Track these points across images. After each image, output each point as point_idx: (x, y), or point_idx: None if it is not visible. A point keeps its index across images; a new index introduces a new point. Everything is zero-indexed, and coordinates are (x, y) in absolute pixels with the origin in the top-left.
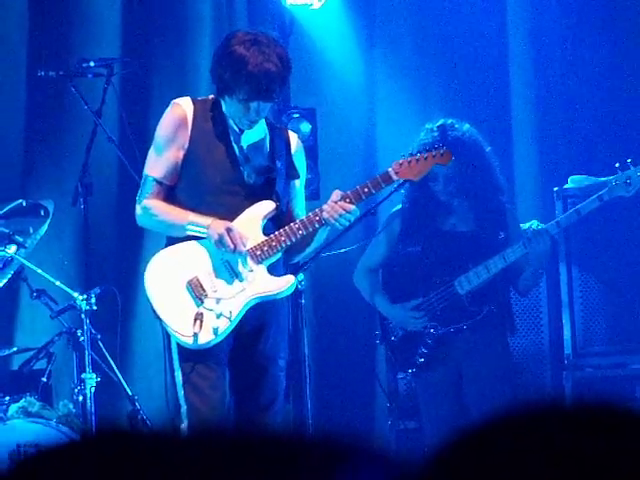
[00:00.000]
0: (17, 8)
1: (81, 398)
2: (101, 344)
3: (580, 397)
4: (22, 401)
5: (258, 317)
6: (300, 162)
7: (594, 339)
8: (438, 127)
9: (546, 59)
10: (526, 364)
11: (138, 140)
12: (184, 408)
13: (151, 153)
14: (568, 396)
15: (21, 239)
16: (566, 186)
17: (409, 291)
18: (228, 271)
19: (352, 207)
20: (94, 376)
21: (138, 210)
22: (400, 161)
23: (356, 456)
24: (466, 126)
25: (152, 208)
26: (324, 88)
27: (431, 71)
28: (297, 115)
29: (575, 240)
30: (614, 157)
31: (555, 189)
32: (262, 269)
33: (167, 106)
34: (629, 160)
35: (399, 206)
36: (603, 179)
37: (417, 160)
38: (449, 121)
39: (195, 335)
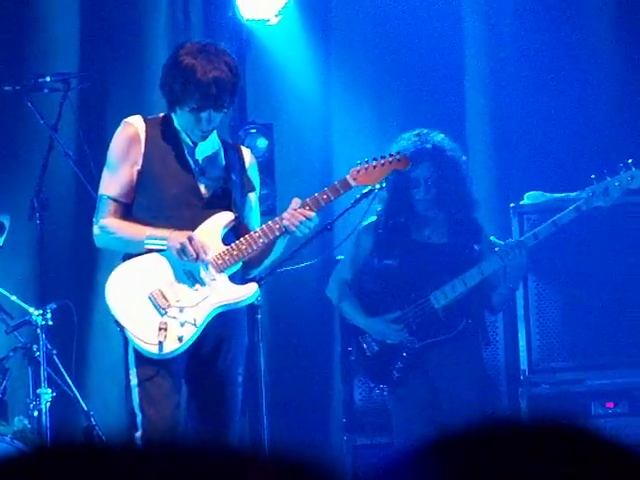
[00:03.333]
0: None
1: (36, 413)
2: (57, 359)
3: (536, 414)
4: None
5: (218, 333)
6: (254, 176)
7: (550, 355)
8: (417, 135)
9: (502, 74)
10: None
11: (95, 155)
12: (139, 417)
13: (105, 173)
14: (523, 412)
15: None
16: (522, 202)
17: (386, 305)
18: (190, 281)
19: (312, 214)
20: (49, 391)
21: (95, 230)
22: (357, 168)
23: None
24: (442, 135)
25: (108, 226)
26: (281, 103)
27: (387, 86)
28: (254, 130)
29: (531, 253)
30: (570, 173)
31: (511, 205)
32: (224, 277)
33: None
34: (605, 171)
35: (373, 218)
36: (559, 195)
37: (374, 166)
38: (425, 130)
39: (160, 344)
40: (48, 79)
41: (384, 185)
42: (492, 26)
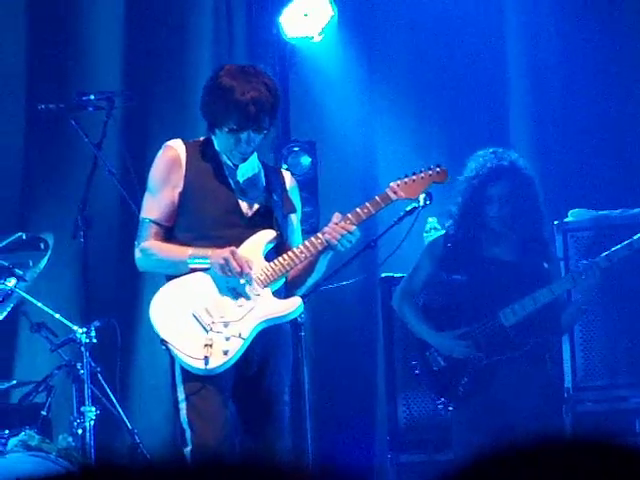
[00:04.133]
0: (16, 41)
1: (80, 431)
2: (101, 377)
3: (580, 431)
4: (22, 435)
5: (263, 352)
6: (295, 198)
7: (594, 372)
8: (492, 152)
9: (545, 87)
10: None
11: (138, 173)
12: (188, 432)
13: (146, 196)
14: (568, 430)
15: (21, 272)
16: (566, 220)
17: (453, 320)
18: (234, 297)
19: (353, 227)
20: (94, 409)
21: (137, 254)
22: (398, 181)
23: None
24: (517, 154)
25: (151, 248)
26: (324, 121)
27: (430, 102)
28: (297, 148)
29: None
30: (615, 190)
31: (555, 222)
32: (268, 292)
33: (167, 139)
34: None
35: (442, 232)
36: (603, 212)
37: (414, 180)
38: (500, 149)
39: (206, 358)
40: (92, 97)
41: (428, 202)
42: (535, 38)
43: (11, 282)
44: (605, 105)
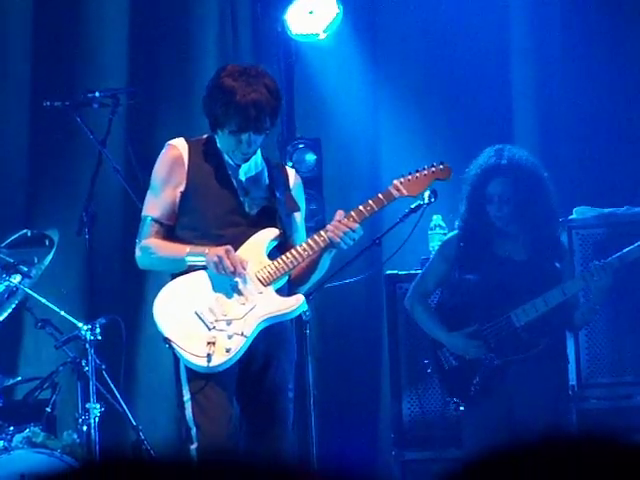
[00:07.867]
0: (21, 37)
1: (85, 428)
2: (105, 374)
3: (585, 429)
4: (26, 431)
5: (266, 349)
6: (299, 196)
7: (599, 370)
8: (495, 150)
9: (550, 86)
10: None
11: (143, 170)
12: (194, 430)
13: (148, 195)
14: (572, 427)
15: (26, 269)
16: (571, 217)
17: (465, 319)
18: (237, 295)
19: (356, 225)
20: (98, 406)
21: (137, 252)
22: (401, 179)
23: None
24: (523, 151)
25: (150, 246)
26: (329, 118)
27: (435, 100)
28: (302, 145)
29: (580, 269)
30: (619, 188)
31: (560, 220)
32: (270, 290)
33: (172, 136)
34: None
35: (455, 232)
36: (608, 210)
37: (416, 177)
38: (503, 146)
39: (209, 356)
40: (97, 94)
41: (433, 200)
42: (540, 33)
43: (16, 279)
44: (610, 101)
